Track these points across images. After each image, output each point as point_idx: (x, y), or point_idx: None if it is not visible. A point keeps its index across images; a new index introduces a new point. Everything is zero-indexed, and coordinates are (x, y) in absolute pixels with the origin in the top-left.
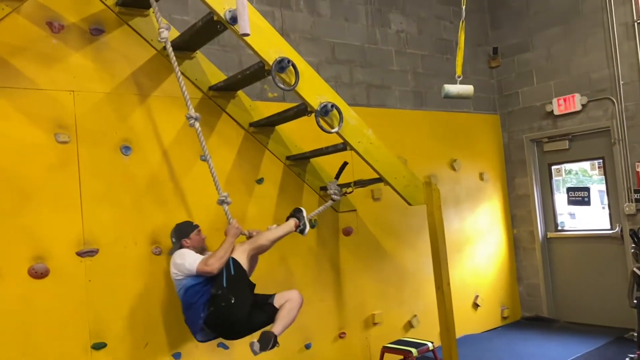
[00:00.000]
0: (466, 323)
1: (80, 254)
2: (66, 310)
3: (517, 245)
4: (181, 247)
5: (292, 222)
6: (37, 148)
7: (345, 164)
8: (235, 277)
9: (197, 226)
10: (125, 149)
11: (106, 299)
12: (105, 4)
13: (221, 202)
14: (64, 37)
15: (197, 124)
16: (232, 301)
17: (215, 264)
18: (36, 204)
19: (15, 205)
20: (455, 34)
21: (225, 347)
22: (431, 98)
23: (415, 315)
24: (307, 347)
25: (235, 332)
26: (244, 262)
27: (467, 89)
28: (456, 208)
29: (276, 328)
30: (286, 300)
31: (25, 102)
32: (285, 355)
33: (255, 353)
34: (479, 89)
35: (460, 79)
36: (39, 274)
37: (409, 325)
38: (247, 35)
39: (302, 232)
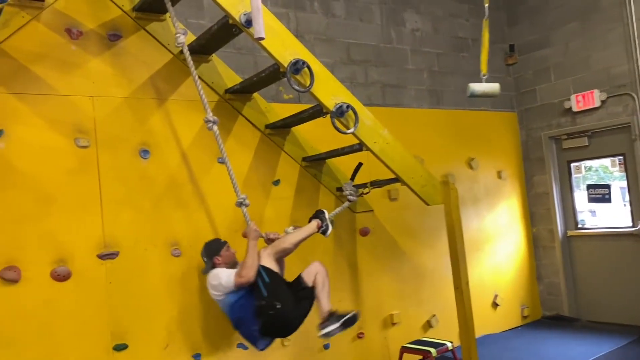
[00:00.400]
0: (486, 323)
1: (101, 257)
2: (88, 312)
3: (536, 243)
4: (213, 265)
5: (315, 223)
6: (58, 153)
7: (360, 164)
8: (271, 283)
9: (225, 242)
10: (144, 153)
11: (127, 301)
12: (123, 10)
13: (240, 204)
14: (82, 44)
15: (215, 128)
16: (278, 306)
17: (249, 272)
18: (58, 207)
19: (37, 210)
20: (471, 31)
21: (245, 348)
22: (448, 97)
23: (434, 315)
24: (326, 347)
25: (290, 329)
26: (273, 265)
27: (493, 87)
28: (474, 207)
29: (327, 304)
30: (315, 274)
31: (46, 107)
32: (305, 356)
33: (334, 334)
34: None
35: (486, 77)
36: (61, 276)
37: (428, 325)
38: (262, 39)
39: (324, 232)
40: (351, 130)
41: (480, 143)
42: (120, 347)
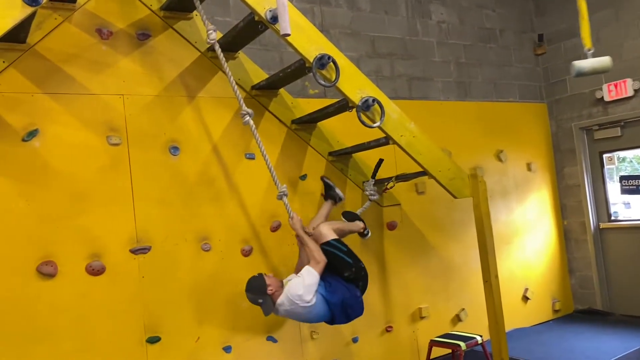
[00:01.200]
0: (515, 316)
1: (133, 251)
2: (122, 305)
3: (567, 236)
4: (272, 298)
5: (361, 224)
6: (90, 150)
7: (380, 161)
8: (347, 249)
9: (261, 274)
10: (174, 150)
11: (159, 295)
12: (151, 9)
13: (281, 196)
14: (112, 43)
15: (250, 120)
16: (361, 264)
17: (319, 255)
18: (91, 204)
19: (72, 206)
20: (498, 22)
21: (275, 340)
22: (475, 88)
23: (463, 309)
24: (354, 340)
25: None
26: (334, 235)
27: (603, 61)
28: (503, 200)
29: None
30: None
31: (79, 106)
32: (334, 349)
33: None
34: (524, 77)
35: (592, 51)
36: (95, 271)
37: (457, 319)
38: (288, 35)
39: (364, 236)
40: (377, 124)
41: (509, 135)
42: (153, 340)
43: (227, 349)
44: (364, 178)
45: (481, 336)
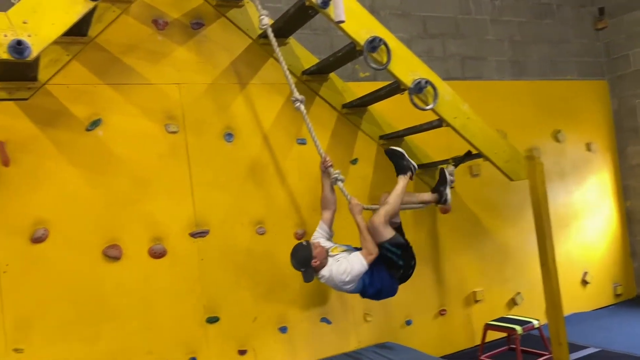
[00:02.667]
0: (574, 301)
1: (192, 235)
2: (182, 287)
3: (630, 218)
4: (314, 269)
5: (430, 196)
6: (150, 138)
7: (468, 152)
8: (402, 253)
9: (308, 242)
10: (229, 136)
11: (217, 277)
12: None
13: (335, 181)
14: (168, 33)
15: (302, 107)
16: (413, 262)
17: (373, 247)
18: (153, 190)
19: (135, 192)
20: None
21: (329, 322)
22: (531, 67)
23: (518, 293)
24: (408, 323)
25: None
26: (391, 231)
27: None
28: (561, 181)
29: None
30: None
31: (138, 96)
32: (387, 331)
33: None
34: (584, 53)
35: None
36: (157, 254)
37: (512, 303)
38: (343, 22)
39: (444, 202)
40: (430, 106)
41: (567, 114)
42: (212, 320)
43: (283, 329)
44: (417, 162)
45: (538, 320)
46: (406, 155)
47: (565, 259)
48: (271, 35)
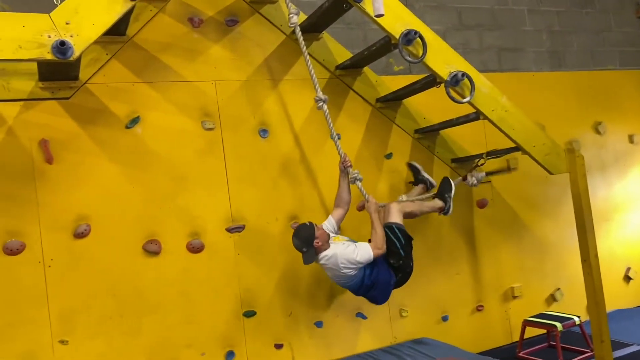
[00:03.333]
0: (616, 297)
1: (229, 230)
2: (220, 281)
3: None
4: (316, 251)
5: (439, 203)
6: (187, 135)
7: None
8: (405, 243)
9: (312, 224)
10: (263, 132)
11: (253, 271)
12: None
13: (353, 181)
14: (203, 31)
15: (325, 107)
16: (411, 264)
17: (383, 243)
18: (190, 185)
19: (173, 188)
20: None
21: (364, 317)
22: (570, 57)
23: (558, 289)
24: (444, 319)
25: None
26: (402, 220)
27: None
28: (602, 175)
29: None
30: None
31: (175, 94)
32: (423, 327)
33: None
34: (625, 42)
35: None
36: (195, 248)
37: (552, 299)
38: (382, 15)
39: (445, 213)
40: (467, 99)
41: (608, 106)
42: (249, 314)
43: (319, 324)
44: (452, 155)
45: (579, 317)
46: (422, 170)
47: (607, 254)
48: (299, 34)
